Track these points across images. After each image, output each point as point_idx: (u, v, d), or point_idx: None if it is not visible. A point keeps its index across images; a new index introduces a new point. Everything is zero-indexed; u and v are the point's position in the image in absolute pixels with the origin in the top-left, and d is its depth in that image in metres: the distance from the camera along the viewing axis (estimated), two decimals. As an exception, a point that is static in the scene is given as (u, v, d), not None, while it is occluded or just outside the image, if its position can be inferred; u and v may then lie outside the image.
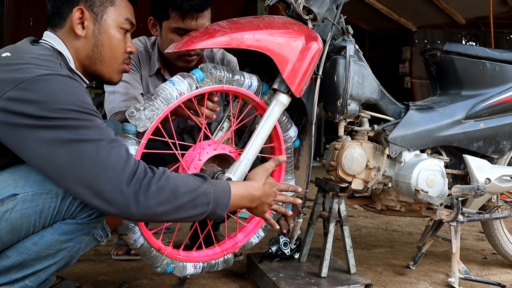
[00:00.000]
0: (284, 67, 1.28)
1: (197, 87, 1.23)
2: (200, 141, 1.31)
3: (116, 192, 0.95)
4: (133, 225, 1.22)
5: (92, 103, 1.03)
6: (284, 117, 1.42)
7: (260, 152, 1.34)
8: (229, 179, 1.25)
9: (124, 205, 0.96)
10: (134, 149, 1.16)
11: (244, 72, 1.31)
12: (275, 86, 1.31)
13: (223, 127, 1.41)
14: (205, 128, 1.31)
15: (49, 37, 1.16)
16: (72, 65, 1.16)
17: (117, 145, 0.99)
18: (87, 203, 1.01)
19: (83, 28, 1.15)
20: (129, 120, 1.17)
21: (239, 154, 1.32)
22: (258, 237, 1.48)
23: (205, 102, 1.31)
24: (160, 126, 1.21)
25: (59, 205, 1.02)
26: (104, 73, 1.22)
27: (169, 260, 1.30)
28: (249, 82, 1.30)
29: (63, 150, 0.94)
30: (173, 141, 1.24)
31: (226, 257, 1.41)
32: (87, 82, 1.20)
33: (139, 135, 1.18)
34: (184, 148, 1.33)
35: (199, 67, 1.26)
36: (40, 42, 1.16)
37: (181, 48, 1.23)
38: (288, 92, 1.30)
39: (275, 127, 1.39)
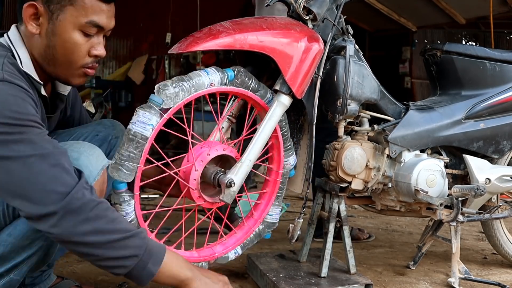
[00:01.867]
0: (286, 69, 1.28)
1: (225, 84, 1.24)
2: (213, 137, 1.31)
3: (42, 211, 0.91)
4: (128, 197, 1.15)
5: (35, 109, 0.97)
6: (288, 143, 1.43)
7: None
8: (232, 181, 1.23)
9: (50, 224, 0.92)
10: (156, 120, 1.13)
11: (200, 72, 1.24)
12: (277, 87, 1.31)
13: (222, 127, 1.40)
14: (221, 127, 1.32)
15: (12, 32, 1.09)
16: (26, 65, 1.07)
17: (51, 160, 0.92)
18: (21, 212, 0.96)
19: (38, 25, 1.05)
20: (157, 93, 1.13)
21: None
22: (235, 253, 1.42)
23: (227, 102, 1.33)
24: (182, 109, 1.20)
25: None
26: (60, 75, 1.13)
27: None
28: (210, 79, 1.23)
29: None
30: (188, 129, 1.24)
31: (201, 264, 1.35)
32: (41, 82, 1.10)
33: (162, 111, 1.16)
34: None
35: (231, 68, 1.27)
36: (3, 37, 1.09)
37: (185, 50, 1.19)
38: (290, 93, 1.30)
39: (278, 140, 1.40)
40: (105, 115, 5.97)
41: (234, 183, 1.23)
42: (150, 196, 3.27)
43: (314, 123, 1.34)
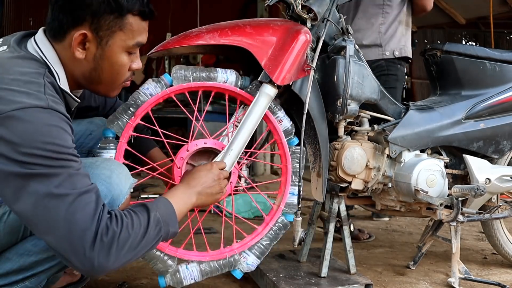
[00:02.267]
0: (262, 57, 1.30)
1: (238, 87, 1.33)
2: (193, 135, 1.31)
3: (79, 254, 0.91)
4: (113, 145, 1.25)
5: (72, 140, 0.97)
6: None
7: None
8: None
9: (87, 265, 0.93)
10: (158, 92, 1.27)
11: (218, 69, 1.34)
12: (259, 78, 1.32)
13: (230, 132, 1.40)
14: (195, 122, 1.32)
15: (43, 44, 1.06)
16: (62, 83, 1.07)
17: (85, 199, 0.92)
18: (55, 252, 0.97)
19: (83, 49, 1.05)
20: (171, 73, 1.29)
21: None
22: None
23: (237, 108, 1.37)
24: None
25: None
26: (100, 91, 1.17)
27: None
28: (226, 77, 1.33)
29: (29, 200, 0.89)
30: (163, 131, 1.29)
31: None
32: (78, 101, 1.12)
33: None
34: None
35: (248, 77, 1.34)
36: (31, 45, 1.06)
37: (158, 49, 1.28)
38: (270, 81, 1.30)
39: (271, 122, 1.40)
40: (106, 115, 5.97)
41: None
42: (149, 196, 3.27)
43: (305, 113, 1.33)
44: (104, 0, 1.03)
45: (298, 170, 1.40)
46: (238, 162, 1.35)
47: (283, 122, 1.40)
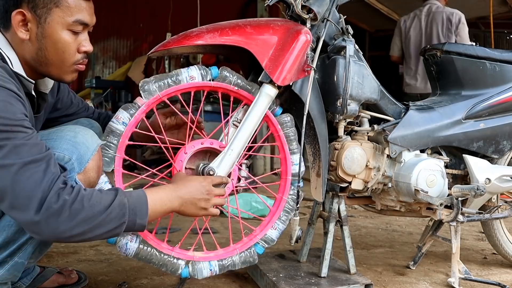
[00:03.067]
0: (262, 57, 1.30)
1: (210, 80, 1.29)
2: (189, 137, 1.32)
3: (27, 219, 0.95)
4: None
5: (24, 113, 0.99)
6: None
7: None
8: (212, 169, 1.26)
9: (36, 231, 0.97)
10: (130, 116, 1.24)
11: (180, 69, 1.31)
12: (259, 78, 1.32)
13: (228, 133, 1.39)
14: (191, 124, 1.32)
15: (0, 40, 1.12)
16: (16, 67, 1.10)
17: (31, 168, 0.95)
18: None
19: (27, 30, 1.09)
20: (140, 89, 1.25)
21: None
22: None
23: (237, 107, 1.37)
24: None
25: None
26: (53, 74, 1.18)
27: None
28: (189, 74, 1.30)
29: None
30: (161, 137, 1.30)
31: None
32: (32, 81, 1.14)
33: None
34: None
35: (219, 67, 1.31)
36: None
37: (158, 49, 1.26)
38: (271, 82, 1.30)
39: (272, 123, 1.39)
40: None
41: (213, 171, 1.26)
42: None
43: (306, 113, 1.33)
44: None
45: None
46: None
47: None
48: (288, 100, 1.44)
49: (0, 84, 0.98)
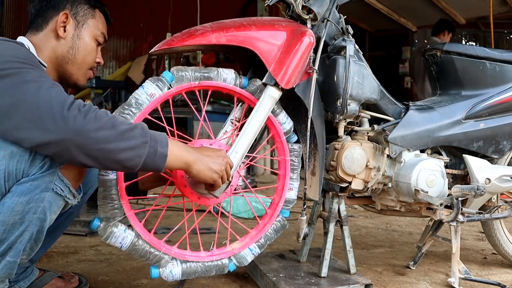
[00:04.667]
0: (269, 60, 1.29)
1: (169, 88, 1.25)
2: (197, 134, 1.32)
3: (56, 116, 0.98)
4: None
5: (38, 63, 1.12)
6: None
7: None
8: None
9: (63, 128, 0.98)
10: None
11: (217, 68, 1.32)
12: (264, 80, 1.32)
13: (226, 131, 1.40)
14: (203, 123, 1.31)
15: (20, 38, 1.29)
16: (33, 51, 1.24)
17: (59, 88, 1.04)
18: (29, 141, 1.01)
19: (64, 31, 1.31)
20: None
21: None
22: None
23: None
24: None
25: (7, 166, 1.03)
26: (73, 74, 1.34)
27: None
28: (225, 76, 1.31)
29: (8, 94, 1.00)
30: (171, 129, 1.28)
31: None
32: (45, 65, 1.26)
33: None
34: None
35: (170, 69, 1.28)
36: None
37: (162, 47, 1.25)
38: (276, 84, 1.30)
39: (279, 136, 1.39)
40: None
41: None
42: (149, 195, 3.27)
43: (310, 116, 1.33)
44: None
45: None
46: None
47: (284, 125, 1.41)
48: (284, 98, 1.44)
49: (23, 45, 1.18)
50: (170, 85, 1.25)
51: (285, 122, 1.40)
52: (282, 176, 1.43)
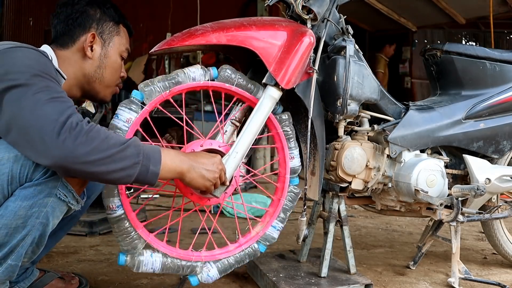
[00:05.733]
0: (269, 60, 1.29)
1: (142, 107, 1.24)
2: (188, 137, 1.31)
3: (46, 140, 0.98)
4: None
5: (55, 73, 1.11)
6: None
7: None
8: None
9: (53, 153, 0.98)
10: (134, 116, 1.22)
11: (183, 69, 1.30)
12: (264, 80, 1.31)
13: (226, 131, 1.40)
14: (187, 126, 1.31)
15: (45, 47, 1.27)
16: (54, 63, 1.23)
17: (58, 100, 1.03)
18: (27, 157, 1.04)
19: (92, 50, 1.31)
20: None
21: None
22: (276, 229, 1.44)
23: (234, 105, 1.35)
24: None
25: (11, 169, 1.04)
26: (100, 91, 1.35)
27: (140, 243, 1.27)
28: (193, 75, 1.29)
29: (11, 107, 1.01)
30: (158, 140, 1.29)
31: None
32: (65, 77, 1.25)
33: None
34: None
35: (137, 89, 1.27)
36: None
37: (162, 47, 1.25)
38: (276, 84, 1.30)
39: (272, 122, 1.39)
40: (105, 115, 5.96)
41: None
42: (150, 195, 3.27)
43: (310, 116, 1.33)
44: (105, 10, 1.33)
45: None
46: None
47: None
48: (284, 98, 1.44)
49: (42, 52, 1.15)
50: (143, 103, 1.23)
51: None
52: (280, 149, 1.43)
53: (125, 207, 1.23)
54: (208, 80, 1.30)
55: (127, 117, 1.21)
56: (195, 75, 1.29)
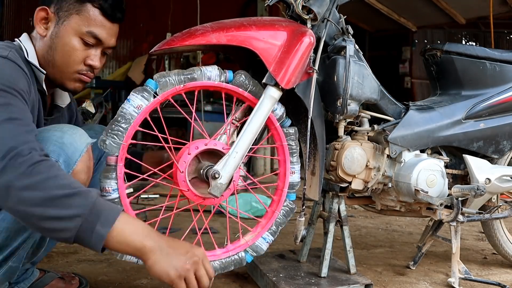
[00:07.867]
0: (269, 60, 1.29)
1: (155, 96, 1.22)
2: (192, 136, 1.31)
3: None
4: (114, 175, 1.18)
5: (26, 83, 1.05)
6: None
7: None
8: (218, 171, 1.23)
9: None
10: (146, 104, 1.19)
11: (200, 67, 1.29)
12: (264, 80, 1.31)
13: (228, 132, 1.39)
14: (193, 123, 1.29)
15: (23, 36, 1.22)
16: (31, 57, 1.17)
17: (14, 122, 0.95)
18: None
19: (46, 28, 1.19)
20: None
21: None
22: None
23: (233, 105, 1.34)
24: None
25: None
26: (56, 78, 1.22)
27: None
28: (209, 74, 1.28)
29: None
30: (164, 136, 1.25)
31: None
32: (43, 71, 1.18)
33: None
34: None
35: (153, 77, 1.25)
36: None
37: (162, 47, 1.24)
38: (276, 84, 1.30)
39: (273, 123, 1.38)
40: (105, 115, 5.96)
41: (218, 174, 1.24)
42: (150, 196, 3.27)
43: (310, 116, 1.33)
44: None
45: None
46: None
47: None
48: (284, 98, 1.44)
49: (12, 59, 1.06)
50: (156, 93, 1.22)
51: (276, 108, 1.38)
52: (282, 162, 1.43)
53: (121, 192, 1.19)
54: (222, 82, 1.31)
55: (138, 104, 1.19)
56: (211, 75, 1.29)
